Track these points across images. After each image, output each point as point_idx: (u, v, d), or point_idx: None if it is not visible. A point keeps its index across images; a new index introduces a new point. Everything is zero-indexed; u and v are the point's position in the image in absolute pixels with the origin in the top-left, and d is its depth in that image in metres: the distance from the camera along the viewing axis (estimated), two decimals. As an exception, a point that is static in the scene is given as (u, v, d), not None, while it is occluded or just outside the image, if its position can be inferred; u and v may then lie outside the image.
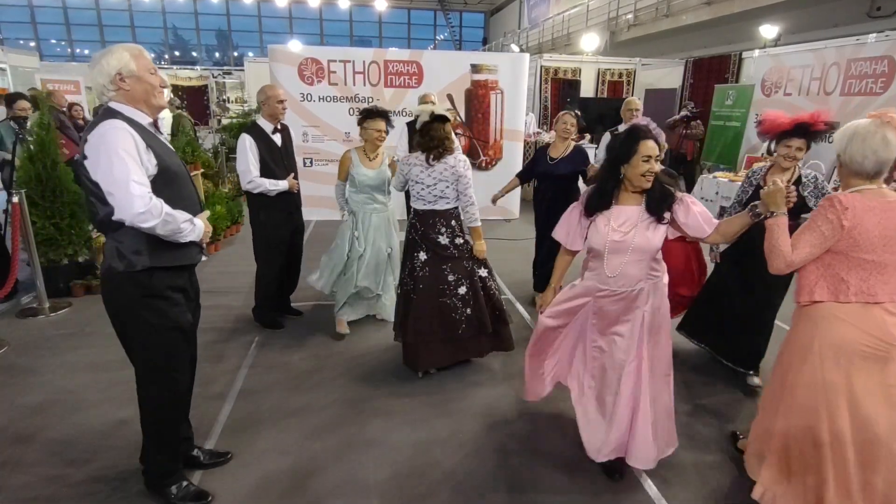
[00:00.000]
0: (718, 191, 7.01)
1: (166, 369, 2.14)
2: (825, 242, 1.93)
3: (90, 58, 2.04)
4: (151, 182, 1.95)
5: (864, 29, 8.14)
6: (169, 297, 2.07)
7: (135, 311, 2.03)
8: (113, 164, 1.86)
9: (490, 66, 7.35)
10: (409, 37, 31.59)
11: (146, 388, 2.16)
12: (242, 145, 3.63)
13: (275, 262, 3.90)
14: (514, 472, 2.52)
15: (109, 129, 1.89)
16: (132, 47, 2.00)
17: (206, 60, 28.62)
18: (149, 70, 2.01)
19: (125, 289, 2.00)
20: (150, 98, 2.03)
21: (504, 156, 7.62)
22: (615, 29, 16.19)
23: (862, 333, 1.91)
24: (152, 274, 2.00)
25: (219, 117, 13.33)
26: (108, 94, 1.98)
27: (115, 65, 1.95)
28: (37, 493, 2.32)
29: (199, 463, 2.48)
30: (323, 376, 3.37)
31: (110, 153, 1.86)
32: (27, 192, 4.13)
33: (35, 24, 26.01)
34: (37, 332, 3.90)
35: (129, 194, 1.85)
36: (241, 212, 6.81)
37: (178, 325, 2.11)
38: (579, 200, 2.41)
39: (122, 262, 1.97)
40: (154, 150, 1.97)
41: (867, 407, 1.91)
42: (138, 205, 1.85)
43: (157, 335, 2.07)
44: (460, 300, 3.24)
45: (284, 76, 6.81)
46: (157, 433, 2.22)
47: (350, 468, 2.53)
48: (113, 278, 2.01)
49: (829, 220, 1.91)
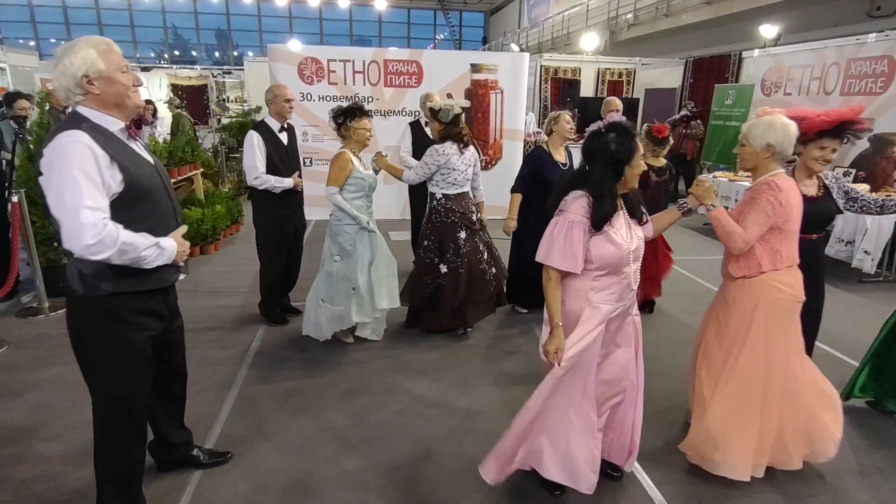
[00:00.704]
0: (718, 191, 7.01)
1: (125, 398, 1.93)
2: (769, 221, 2.25)
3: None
4: (117, 199, 1.75)
5: (864, 28, 8.14)
6: (134, 321, 1.87)
7: (96, 335, 1.85)
8: (64, 186, 1.63)
9: (490, 65, 7.34)
10: (409, 36, 31.58)
11: (102, 417, 1.94)
12: (250, 142, 3.64)
13: (277, 259, 3.91)
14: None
15: (66, 144, 1.66)
16: (99, 42, 1.75)
17: (205, 60, 28.62)
18: (120, 68, 1.76)
19: (87, 312, 1.83)
20: (123, 100, 1.80)
21: (504, 155, 7.61)
22: (615, 28, 16.19)
23: (791, 292, 2.33)
24: (116, 298, 1.81)
25: (218, 117, 13.31)
26: (75, 98, 1.75)
27: (80, 65, 1.70)
28: (36, 492, 2.32)
29: (199, 463, 2.46)
30: (323, 375, 3.37)
31: (63, 173, 1.64)
32: (27, 191, 4.13)
33: (35, 23, 26.00)
34: (36, 332, 3.90)
35: (78, 223, 1.62)
36: (241, 211, 6.81)
37: (143, 351, 1.91)
38: (564, 215, 2.02)
39: (83, 286, 1.79)
40: (120, 164, 1.74)
41: (793, 361, 2.35)
42: (88, 235, 1.63)
43: (119, 361, 1.88)
44: (487, 263, 3.86)
45: (284, 76, 6.80)
46: (113, 466, 1.99)
47: (350, 468, 2.53)
48: (75, 300, 1.85)
49: (771, 202, 2.24)
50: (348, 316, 3.59)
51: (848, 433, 2.62)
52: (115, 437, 1.96)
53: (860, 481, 2.49)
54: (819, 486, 2.46)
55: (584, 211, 2.01)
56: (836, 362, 3.64)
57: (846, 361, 3.65)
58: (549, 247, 2.04)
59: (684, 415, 2.89)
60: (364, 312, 3.60)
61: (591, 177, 2.04)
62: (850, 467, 2.58)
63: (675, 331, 4.15)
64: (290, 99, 3.74)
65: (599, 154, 2.02)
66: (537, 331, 4.06)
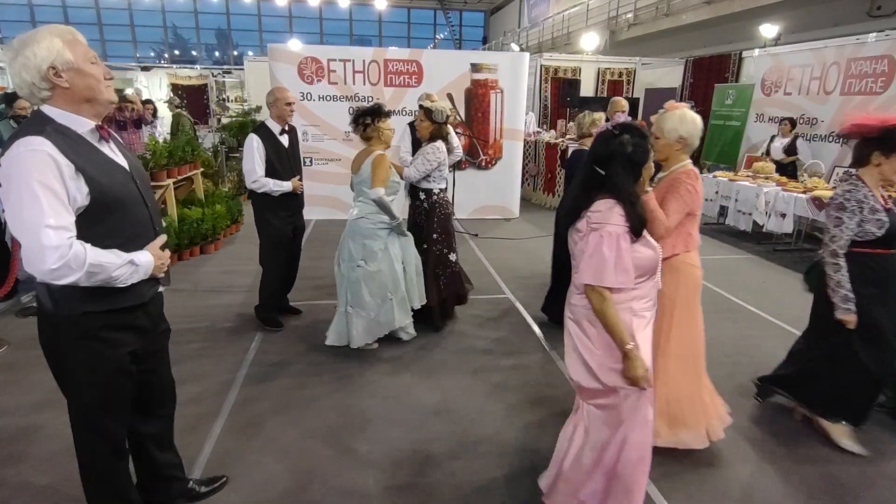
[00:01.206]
0: (718, 190, 7.02)
1: (102, 415, 1.80)
2: (687, 208, 2.42)
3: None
4: (84, 212, 1.57)
5: (865, 28, 8.14)
6: (109, 338, 1.71)
7: (69, 352, 1.70)
8: (23, 202, 1.46)
9: (490, 65, 7.34)
10: (409, 36, 31.57)
11: (80, 435, 1.84)
12: (249, 145, 3.64)
13: (280, 262, 3.92)
14: (513, 471, 2.52)
15: (24, 153, 1.47)
16: (63, 30, 1.57)
17: (205, 59, 28.63)
18: (89, 59, 1.58)
19: (59, 329, 1.67)
20: (95, 94, 1.60)
21: (504, 155, 7.62)
22: (615, 28, 16.18)
23: (701, 271, 2.55)
24: (88, 316, 1.65)
25: (218, 116, 13.32)
26: (40, 95, 1.55)
27: (45, 55, 1.50)
28: (36, 490, 2.32)
29: (194, 495, 2.25)
30: (323, 375, 3.37)
31: (20, 187, 1.46)
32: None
33: (34, 23, 26.00)
34: (36, 332, 3.89)
35: (39, 245, 1.45)
36: (241, 211, 6.81)
37: (120, 367, 1.76)
38: (607, 229, 1.81)
39: (52, 304, 1.64)
40: (86, 175, 1.55)
41: (701, 330, 2.60)
42: (51, 259, 1.45)
43: (94, 378, 1.73)
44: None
45: (284, 75, 6.81)
46: (100, 483, 1.89)
47: (350, 468, 2.53)
48: (45, 317, 1.70)
49: (689, 191, 2.41)
50: (388, 322, 3.59)
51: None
52: (95, 457, 1.86)
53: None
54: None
55: (622, 220, 1.83)
56: None
57: None
58: (601, 267, 1.80)
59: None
60: (406, 315, 3.71)
61: (614, 182, 1.86)
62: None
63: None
64: (292, 102, 3.75)
65: (617, 157, 1.86)
66: (537, 330, 4.07)
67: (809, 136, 7.26)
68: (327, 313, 4.25)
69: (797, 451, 2.71)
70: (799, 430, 2.87)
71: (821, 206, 5.55)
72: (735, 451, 2.69)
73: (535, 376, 3.42)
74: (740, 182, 6.67)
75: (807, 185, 6.11)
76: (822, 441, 2.76)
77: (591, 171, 1.91)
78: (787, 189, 6.10)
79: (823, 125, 7.12)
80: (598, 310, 1.84)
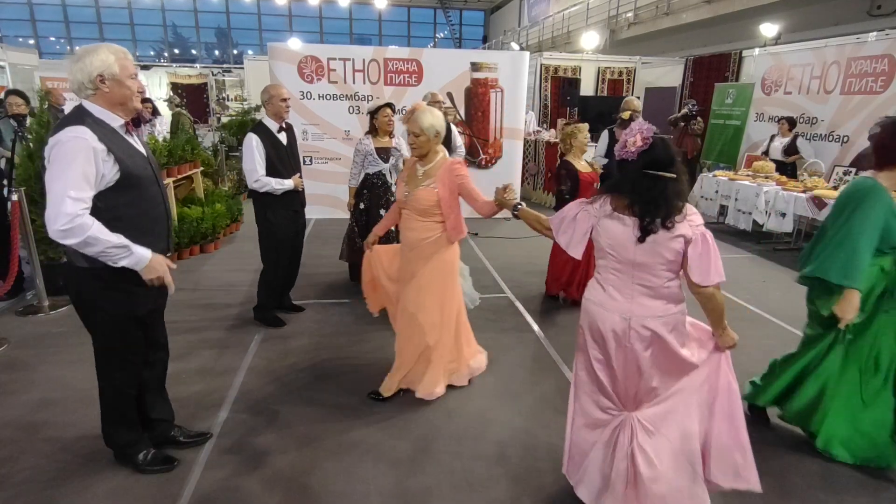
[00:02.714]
0: (718, 189, 7.02)
1: (123, 352, 2.25)
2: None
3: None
4: (114, 186, 2.00)
5: (865, 27, 8.14)
6: (126, 289, 2.12)
7: (96, 301, 2.14)
8: (57, 175, 1.89)
9: (490, 64, 7.34)
10: (409, 35, 31.56)
11: (105, 370, 2.28)
12: (249, 144, 3.62)
13: (280, 261, 3.91)
14: (513, 470, 2.52)
15: (67, 139, 1.91)
16: (117, 50, 2.03)
17: (205, 58, 28.60)
18: (130, 75, 2.05)
19: (87, 282, 2.10)
20: (127, 102, 2.07)
21: (504, 154, 7.62)
22: (615, 27, 16.18)
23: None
24: (112, 270, 2.04)
25: (218, 115, 13.32)
26: (84, 92, 2.00)
27: (98, 65, 1.96)
28: (36, 490, 2.32)
29: (176, 441, 2.60)
30: (324, 374, 3.37)
31: (60, 163, 1.90)
32: (26, 190, 4.13)
33: (34, 21, 25.98)
34: (36, 330, 3.90)
35: (57, 209, 1.87)
36: (241, 210, 6.81)
37: (135, 314, 2.22)
38: (704, 229, 1.87)
39: (85, 260, 2.03)
40: (116, 156, 1.99)
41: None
42: (61, 221, 1.86)
43: (115, 323, 2.18)
44: None
45: (284, 74, 6.81)
46: (117, 408, 2.35)
47: (350, 467, 2.53)
48: (76, 272, 2.10)
49: (467, 174, 2.88)
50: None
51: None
52: (115, 388, 2.30)
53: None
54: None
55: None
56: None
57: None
58: (714, 264, 1.84)
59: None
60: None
61: (682, 185, 1.87)
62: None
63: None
64: (287, 98, 3.71)
65: (676, 163, 1.87)
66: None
67: (809, 136, 7.25)
68: (328, 311, 4.25)
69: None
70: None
71: (821, 206, 5.55)
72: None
73: (535, 375, 3.42)
74: (740, 181, 6.67)
75: (807, 185, 6.11)
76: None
77: (655, 175, 1.85)
78: (786, 188, 6.10)
79: (823, 124, 7.11)
80: (719, 300, 1.90)
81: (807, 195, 5.76)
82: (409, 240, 2.93)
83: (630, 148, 1.87)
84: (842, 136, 6.81)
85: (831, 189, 5.88)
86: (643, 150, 1.85)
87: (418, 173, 2.87)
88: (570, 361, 3.58)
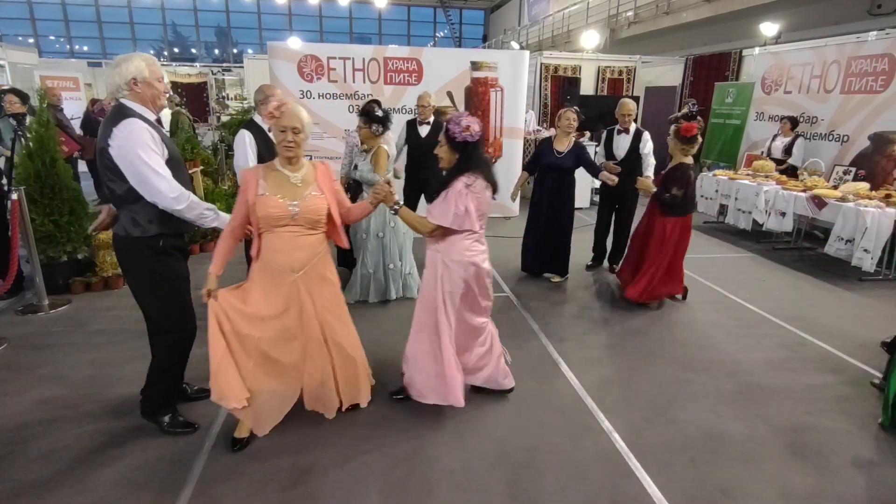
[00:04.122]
0: (718, 188, 7.01)
1: (181, 313, 2.61)
2: None
3: (89, 54, 2.21)
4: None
5: (865, 27, 8.13)
6: (174, 254, 2.55)
7: (150, 266, 2.48)
8: (142, 158, 2.28)
9: (490, 63, 7.33)
10: (409, 34, 31.54)
11: (162, 333, 2.59)
12: (241, 141, 3.62)
13: None
14: (513, 469, 2.53)
15: (135, 127, 2.29)
16: (147, 57, 2.44)
17: (205, 57, 28.57)
18: (158, 78, 2.43)
19: (141, 250, 2.44)
20: (155, 100, 2.46)
21: (504, 153, 7.61)
22: (615, 26, 16.17)
23: None
24: (161, 237, 2.45)
25: (218, 114, 13.31)
26: (122, 93, 2.38)
27: (132, 70, 2.35)
28: (36, 490, 2.33)
29: (186, 395, 2.96)
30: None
31: (137, 149, 2.27)
32: (26, 189, 4.13)
33: (34, 20, 25.95)
34: (36, 329, 3.90)
35: (155, 187, 2.32)
36: (241, 209, 6.79)
37: (183, 275, 2.62)
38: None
39: (137, 229, 2.41)
40: (164, 141, 2.41)
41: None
42: (166, 189, 2.33)
43: (169, 285, 2.54)
44: None
45: (284, 73, 6.80)
46: (167, 370, 2.66)
47: (350, 464, 2.53)
48: (129, 242, 2.43)
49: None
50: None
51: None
52: (172, 348, 2.65)
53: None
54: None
55: None
56: (835, 360, 3.65)
57: (846, 360, 3.65)
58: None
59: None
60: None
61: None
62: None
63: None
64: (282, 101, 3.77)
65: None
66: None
67: (809, 135, 7.25)
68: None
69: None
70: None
71: (820, 205, 5.55)
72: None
73: (536, 375, 3.42)
74: (740, 180, 6.67)
75: (806, 184, 6.11)
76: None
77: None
78: (786, 188, 6.10)
79: (824, 124, 7.11)
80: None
81: (807, 194, 5.76)
82: (297, 261, 2.53)
83: (473, 131, 2.64)
84: (842, 135, 6.80)
85: (831, 188, 5.88)
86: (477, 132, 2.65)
87: (293, 181, 2.56)
88: (572, 361, 3.58)
